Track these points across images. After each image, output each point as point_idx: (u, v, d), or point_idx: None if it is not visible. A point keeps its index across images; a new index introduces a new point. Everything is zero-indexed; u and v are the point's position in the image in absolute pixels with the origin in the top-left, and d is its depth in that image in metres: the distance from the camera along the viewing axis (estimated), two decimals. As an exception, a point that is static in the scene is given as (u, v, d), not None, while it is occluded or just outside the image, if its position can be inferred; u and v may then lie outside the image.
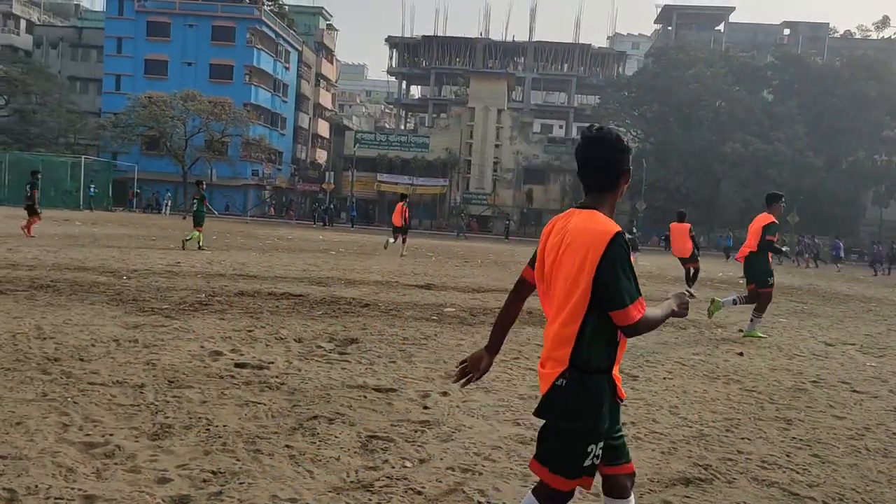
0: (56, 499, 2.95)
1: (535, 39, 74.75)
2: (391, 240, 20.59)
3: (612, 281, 2.24)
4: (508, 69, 71.00)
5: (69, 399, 4.28)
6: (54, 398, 4.28)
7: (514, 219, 59.80)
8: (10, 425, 3.75)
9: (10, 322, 6.41)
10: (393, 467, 3.57)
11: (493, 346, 2.66)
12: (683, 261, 15.04)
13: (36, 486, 3.04)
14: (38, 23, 68.74)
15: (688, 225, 14.87)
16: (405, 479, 3.43)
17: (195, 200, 18.43)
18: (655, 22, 78.46)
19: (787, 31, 70.42)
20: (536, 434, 4.16)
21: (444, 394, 5.05)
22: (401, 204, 20.63)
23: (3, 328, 6.11)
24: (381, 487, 3.31)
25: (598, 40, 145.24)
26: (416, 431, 4.16)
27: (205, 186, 19.29)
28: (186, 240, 17.35)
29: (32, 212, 17.92)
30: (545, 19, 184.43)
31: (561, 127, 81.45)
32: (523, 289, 2.64)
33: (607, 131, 2.43)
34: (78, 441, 3.61)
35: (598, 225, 2.30)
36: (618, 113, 61.42)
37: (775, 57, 59.60)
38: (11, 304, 7.41)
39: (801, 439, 4.57)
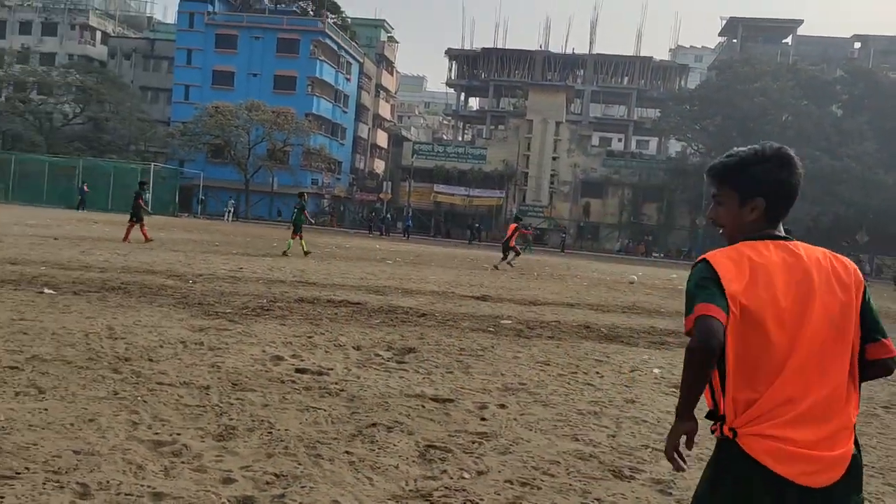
0: (126, 495, 3.05)
1: (595, 52, 74.25)
2: (510, 257, 21.64)
3: (873, 310, 1.95)
4: (567, 81, 70.62)
5: (139, 398, 4.43)
6: (125, 396, 4.43)
7: (571, 232, 59.29)
8: (84, 422, 3.90)
9: (84, 322, 6.67)
10: (451, 478, 3.57)
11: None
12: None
13: (107, 482, 3.15)
14: (112, 34, 71.64)
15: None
16: (464, 490, 3.42)
17: (295, 210, 19.59)
18: (720, 34, 76.99)
19: (857, 45, 68.16)
20: (595, 450, 4.11)
21: (502, 406, 5.03)
22: (514, 225, 21.86)
23: (76, 328, 6.36)
24: (439, 497, 3.32)
25: (660, 53, 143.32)
26: (473, 443, 4.15)
27: (307, 198, 20.37)
28: (287, 249, 18.92)
29: (137, 218, 18.54)
30: (606, 32, 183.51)
31: (620, 140, 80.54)
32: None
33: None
34: (147, 439, 3.72)
35: (843, 258, 1.99)
36: (679, 126, 60.40)
37: (845, 71, 57.73)
38: (84, 304, 7.71)
39: (873, 466, 4.39)
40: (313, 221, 18.57)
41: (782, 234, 2.01)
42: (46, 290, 8.34)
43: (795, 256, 1.92)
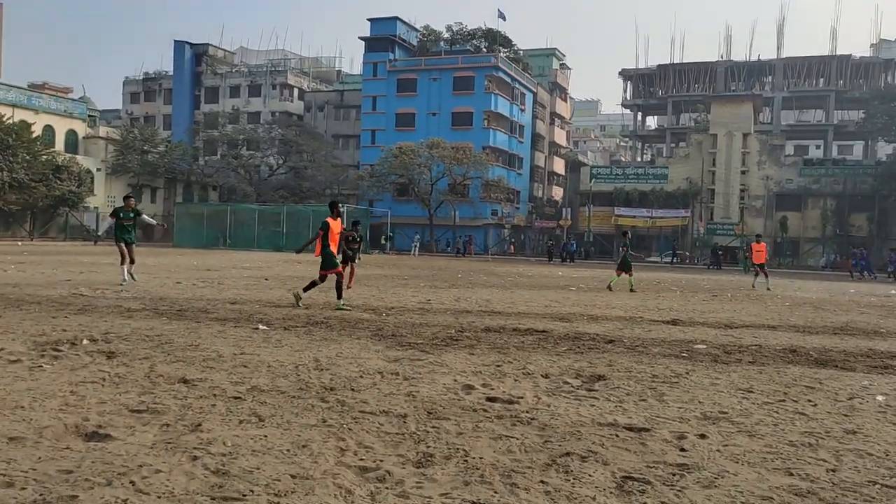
0: (338, 516, 3.25)
1: (783, 56, 69.32)
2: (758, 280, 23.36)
3: None
4: (754, 90, 66.51)
5: (344, 426, 4.72)
6: (332, 424, 4.74)
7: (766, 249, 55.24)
8: (298, 447, 4.22)
9: (294, 355, 7.26)
10: (652, 511, 3.44)
11: None
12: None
13: (321, 504, 3.38)
14: (307, 90, 78.30)
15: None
16: (666, 524, 3.28)
17: (621, 248, 21.09)
18: (933, 20, 68.88)
19: None
20: (813, 486, 3.77)
21: (702, 436, 4.76)
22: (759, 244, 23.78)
23: (288, 360, 6.94)
24: (640, 531, 3.20)
25: (860, 49, 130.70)
26: (673, 475, 3.96)
27: (630, 236, 22.34)
28: (630, 286, 19.77)
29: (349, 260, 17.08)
30: (795, 33, 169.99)
31: (818, 147, 74.32)
32: None
33: None
34: (354, 465, 3.95)
35: None
36: (888, 127, 54.66)
37: None
38: (294, 338, 8.39)
39: None
40: (643, 258, 21.33)
41: None
42: (261, 327, 9.19)
43: None
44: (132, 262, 15.26)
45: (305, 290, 12.22)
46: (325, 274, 12.10)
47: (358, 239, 17.73)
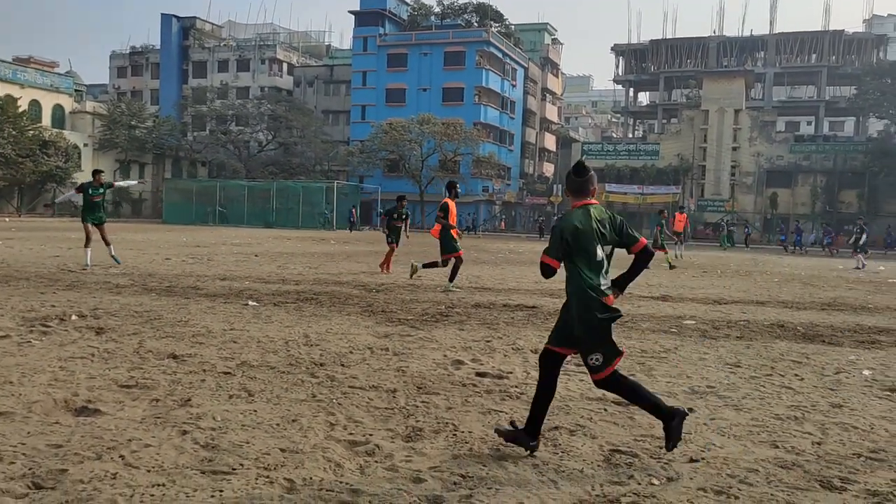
0: (328, 490, 3.26)
1: (776, 31, 69.05)
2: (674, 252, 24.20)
3: None
4: (746, 66, 66.30)
5: (334, 400, 4.73)
6: (322, 399, 4.75)
7: (756, 225, 55.49)
8: (288, 422, 4.23)
9: (284, 331, 7.26)
10: (639, 484, 3.47)
11: None
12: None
13: (311, 478, 3.39)
14: (297, 65, 77.43)
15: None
16: (653, 497, 3.31)
17: (657, 227, 21.69)
18: (925, -4, 68.64)
19: None
20: (798, 458, 3.82)
21: (690, 410, 4.80)
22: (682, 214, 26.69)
23: (278, 336, 6.93)
24: None
25: (853, 25, 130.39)
26: (660, 448, 4.00)
27: (666, 215, 23.39)
28: (666, 263, 20.17)
29: (394, 240, 15.49)
30: (788, 8, 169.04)
31: (809, 123, 74.27)
32: None
33: None
34: (343, 439, 3.97)
35: None
36: (879, 103, 54.66)
37: None
38: (284, 314, 8.39)
39: None
40: (670, 235, 21.97)
41: None
42: (251, 303, 9.17)
43: None
44: (107, 243, 13.84)
45: (425, 266, 12.37)
46: (446, 258, 12.07)
47: (404, 216, 15.42)
